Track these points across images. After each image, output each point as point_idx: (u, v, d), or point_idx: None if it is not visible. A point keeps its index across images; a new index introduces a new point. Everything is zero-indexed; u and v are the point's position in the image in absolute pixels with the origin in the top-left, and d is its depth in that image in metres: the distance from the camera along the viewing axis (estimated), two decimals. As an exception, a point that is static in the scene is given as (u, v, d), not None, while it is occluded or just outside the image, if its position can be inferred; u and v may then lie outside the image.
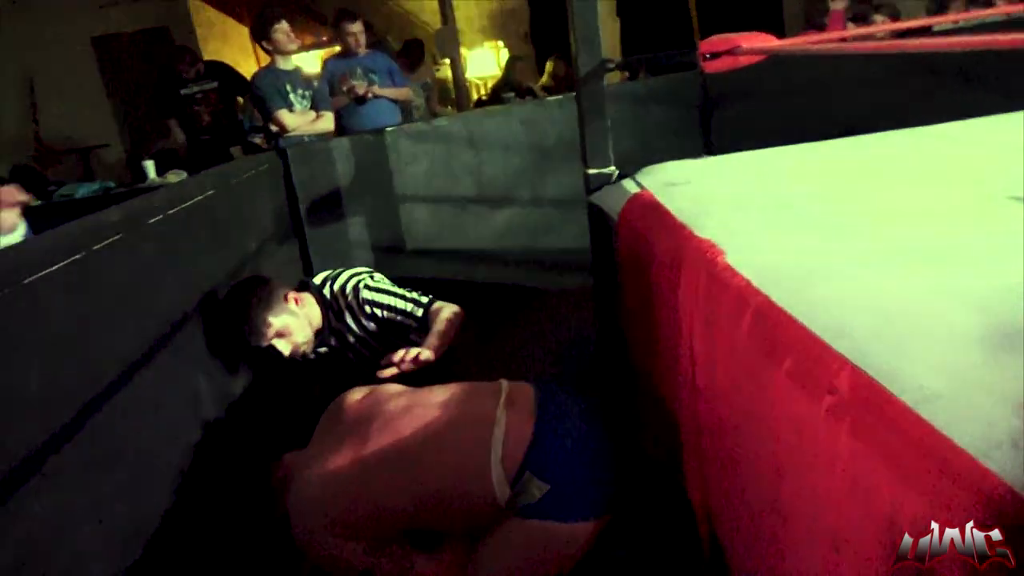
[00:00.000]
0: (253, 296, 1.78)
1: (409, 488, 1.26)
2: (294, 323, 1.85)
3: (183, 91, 4.13)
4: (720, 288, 1.07)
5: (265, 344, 1.80)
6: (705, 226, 1.30)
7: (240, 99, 4.63)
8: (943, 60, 2.46)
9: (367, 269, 2.12)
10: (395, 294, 2.00)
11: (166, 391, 1.41)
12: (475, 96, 7.33)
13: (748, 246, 1.16)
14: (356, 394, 1.49)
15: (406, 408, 1.36)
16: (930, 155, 1.61)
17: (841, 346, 0.78)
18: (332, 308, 2.00)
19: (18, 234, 1.92)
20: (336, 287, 2.00)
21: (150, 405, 1.32)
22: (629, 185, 1.80)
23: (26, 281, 0.99)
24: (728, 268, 1.09)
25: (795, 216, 1.29)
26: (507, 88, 5.49)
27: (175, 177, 3.92)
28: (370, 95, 3.47)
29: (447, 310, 1.96)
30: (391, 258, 2.84)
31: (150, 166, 4.25)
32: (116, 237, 1.22)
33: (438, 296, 2.06)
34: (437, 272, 2.78)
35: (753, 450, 0.96)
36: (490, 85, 7.30)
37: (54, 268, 1.05)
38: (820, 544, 0.76)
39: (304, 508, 1.28)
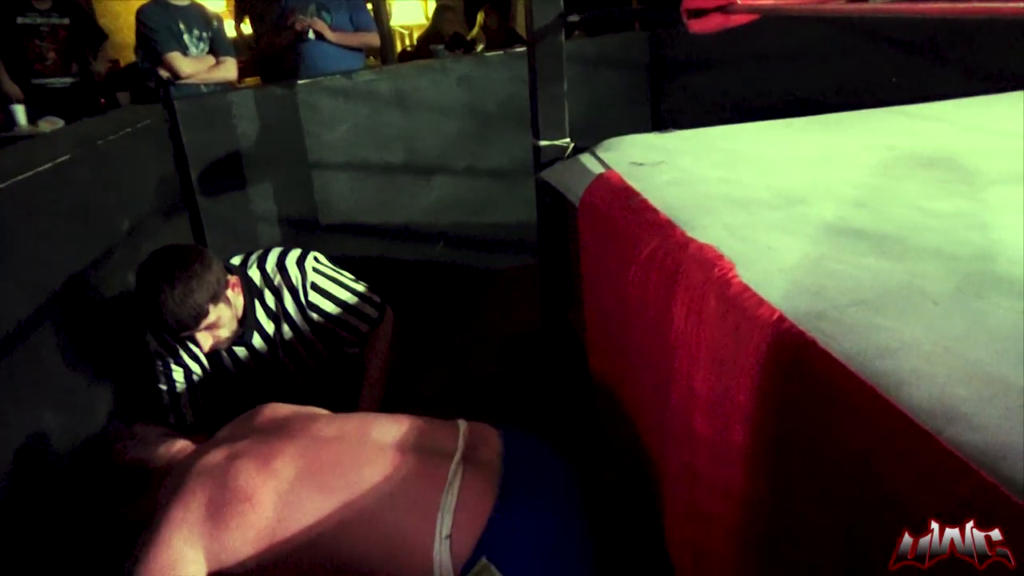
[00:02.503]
0: (191, 274, 1.40)
1: (329, 557, 0.99)
2: (227, 315, 1.51)
3: (21, 19, 3.28)
4: (740, 320, 0.82)
5: (186, 335, 1.46)
6: (702, 226, 1.05)
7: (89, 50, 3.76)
8: (911, 32, 2.29)
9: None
10: (347, 287, 1.70)
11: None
12: (399, 47, 6.87)
13: (765, 259, 0.92)
14: (274, 409, 1.20)
15: (335, 441, 1.07)
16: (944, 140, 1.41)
17: (957, 436, 0.54)
18: (265, 290, 1.63)
19: None
20: (270, 265, 1.63)
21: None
22: (589, 162, 1.55)
23: None
24: (747, 291, 0.84)
25: (815, 217, 1.05)
26: (436, 39, 5.09)
27: (48, 126, 3.35)
28: (310, 35, 3.02)
29: (382, 338, 1.75)
30: (303, 235, 2.47)
31: (20, 111, 3.60)
32: None
33: (358, 278, 1.78)
34: (358, 251, 2.43)
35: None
36: (416, 35, 6.84)
37: None
38: None
39: None
